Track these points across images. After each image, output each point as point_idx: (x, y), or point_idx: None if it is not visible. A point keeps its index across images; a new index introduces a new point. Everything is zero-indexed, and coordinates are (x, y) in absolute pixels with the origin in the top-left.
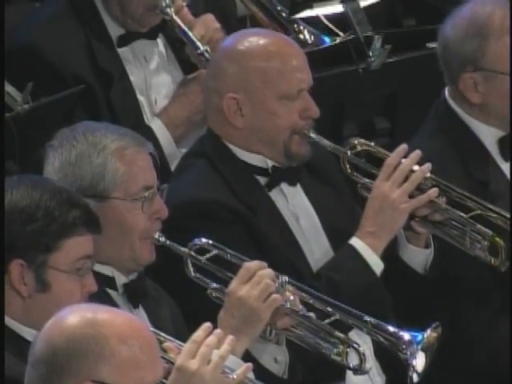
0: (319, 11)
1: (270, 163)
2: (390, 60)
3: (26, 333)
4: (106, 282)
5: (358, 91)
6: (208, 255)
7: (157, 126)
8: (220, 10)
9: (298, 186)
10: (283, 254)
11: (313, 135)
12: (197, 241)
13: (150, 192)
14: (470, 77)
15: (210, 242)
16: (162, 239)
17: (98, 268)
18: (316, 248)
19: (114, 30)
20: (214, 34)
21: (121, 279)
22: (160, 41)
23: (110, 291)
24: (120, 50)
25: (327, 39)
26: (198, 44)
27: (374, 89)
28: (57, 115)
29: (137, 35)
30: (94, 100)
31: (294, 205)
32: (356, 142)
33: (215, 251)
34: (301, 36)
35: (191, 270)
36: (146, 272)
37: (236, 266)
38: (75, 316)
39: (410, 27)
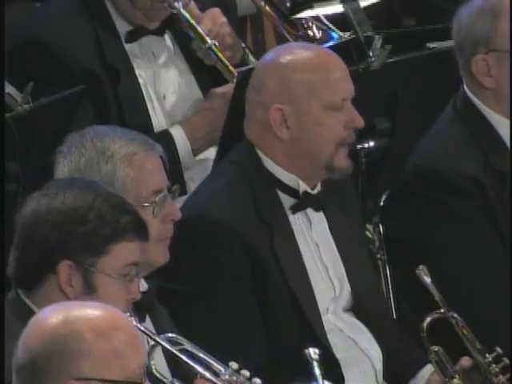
0: (319, 11)
1: (302, 187)
2: (390, 60)
3: None
4: None
5: (358, 91)
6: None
7: (177, 134)
8: (220, 10)
9: (322, 211)
10: (289, 288)
11: None
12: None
13: (161, 196)
14: (483, 59)
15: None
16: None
17: None
18: (334, 275)
19: (122, 26)
20: (220, 28)
21: None
22: (167, 37)
23: None
24: (128, 46)
25: (335, 35)
26: (206, 38)
27: (374, 89)
28: (57, 115)
29: (145, 31)
30: (102, 94)
31: (317, 231)
32: None
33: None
34: (310, 32)
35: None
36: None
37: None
38: (49, 317)
39: (410, 27)
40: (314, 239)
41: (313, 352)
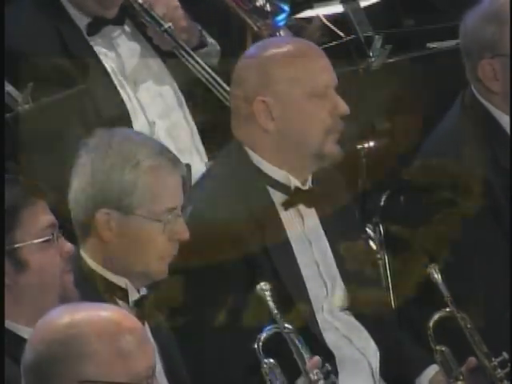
0: (319, 11)
1: (293, 182)
2: (390, 60)
3: (22, 331)
4: (118, 292)
5: (358, 91)
6: None
7: None
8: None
9: (313, 207)
10: (283, 286)
11: None
12: None
13: (173, 214)
14: (489, 63)
15: None
16: None
17: (113, 278)
18: (325, 273)
19: (81, 19)
20: (174, 11)
21: (133, 295)
22: (127, 26)
23: (121, 303)
24: (91, 39)
25: (285, 7)
26: (161, 22)
27: (374, 89)
28: (57, 115)
29: (104, 21)
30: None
31: (309, 226)
32: None
33: None
34: (257, 3)
35: None
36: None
37: None
38: (55, 319)
39: (410, 27)
40: (308, 236)
41: (263, 284)
